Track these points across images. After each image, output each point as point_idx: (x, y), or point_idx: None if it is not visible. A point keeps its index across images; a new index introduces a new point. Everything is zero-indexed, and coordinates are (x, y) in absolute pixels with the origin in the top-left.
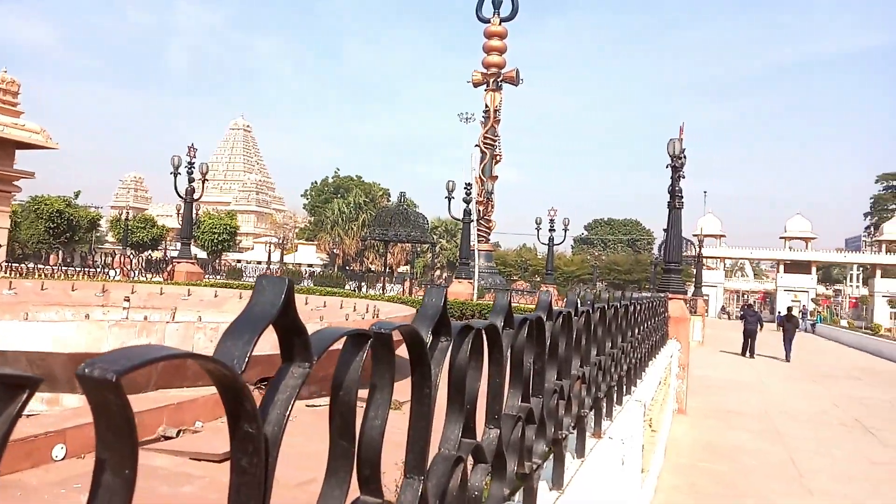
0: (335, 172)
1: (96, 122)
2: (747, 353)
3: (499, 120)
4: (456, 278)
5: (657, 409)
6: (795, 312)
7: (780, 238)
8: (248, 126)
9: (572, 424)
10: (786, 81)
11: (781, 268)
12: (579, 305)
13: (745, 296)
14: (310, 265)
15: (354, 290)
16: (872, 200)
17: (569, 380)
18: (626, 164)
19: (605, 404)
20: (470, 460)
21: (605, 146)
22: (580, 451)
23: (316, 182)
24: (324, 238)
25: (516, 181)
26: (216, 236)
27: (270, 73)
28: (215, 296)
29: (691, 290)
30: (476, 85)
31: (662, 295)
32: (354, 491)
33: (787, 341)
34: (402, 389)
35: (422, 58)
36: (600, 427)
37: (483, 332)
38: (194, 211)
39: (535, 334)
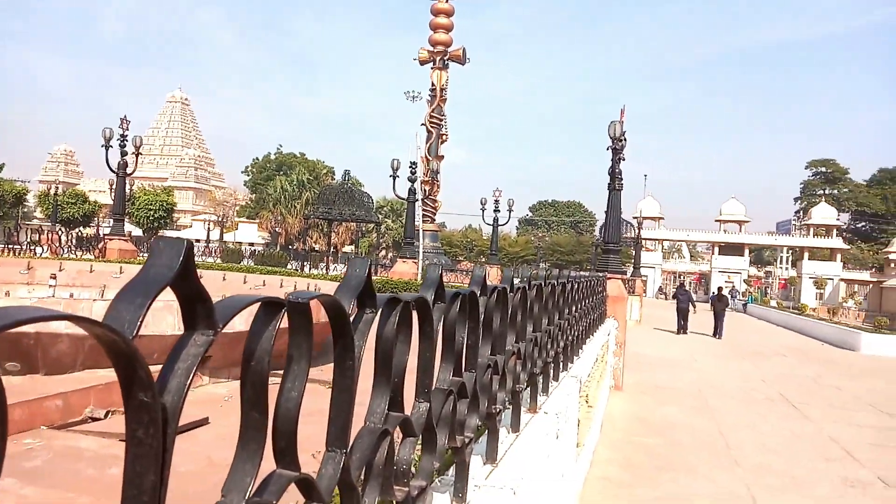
0: (278, 149)
1: (21, 91)
2: (681, 331)
3: (445, 99)
4: (400, 258)
5: (594, 386)
6: (727, 293)
7: (716, 221)
8: (186, 99)
9: (507, 399)
10: (724, 69)
11: (716, 250)
12: (515, 282)
13: (682, 277)
14: (251, 244)
15: (297, 270)
16: (802, 186)
17: (503, 355)
18: (570, 145)
19: (541, 380)
20: (399, 434)
21: (551, 127)
22: (515, 426)
23: (258, 158)
24: (266, 216)
25: (464, 162)
26: (152, 213)
27: (211, 44)
28: None
29: (630, 270)
30: (422, 63)
31: (601, 275)
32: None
33: (718, 319)
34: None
35: (369, 33)
36: (536, 402)
37: (412, 305)
38: (128, 186)
39: (468, 309)
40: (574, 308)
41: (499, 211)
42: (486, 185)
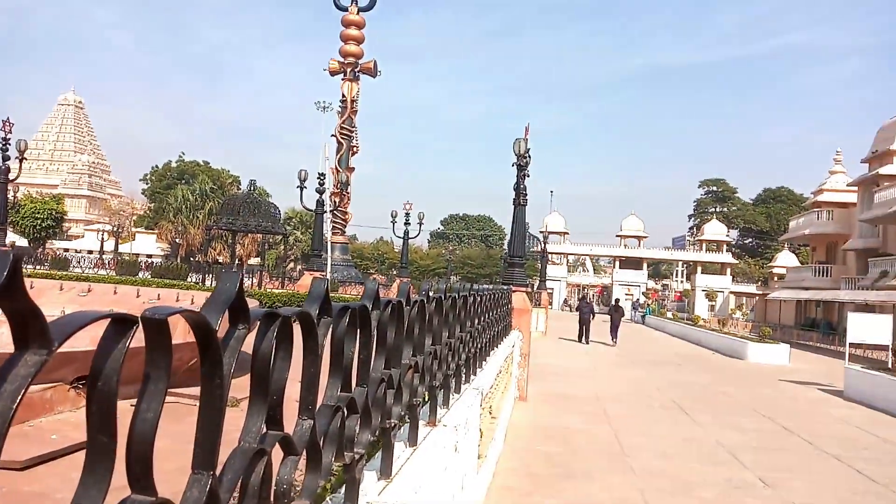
0: (179, 156)
1: None
2: (583, 340)
3: (356, 111)
4: (308, 270)
5: (498, 397)
6: (627, 305)
7: (617, 236)
8: (80, 102)
9: (403, 413)
10: (626, 90)
11: (617, 264)
12: (411, 296)
13: (586, 289)
14: (149, 256)
15: (197, 283)
16: (695, 204)
17: (399, 369)
18: (481, 160)
19: (441, 393)
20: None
21: (462, 142)
22: (413, 440)
23: (157, 166)
24: (165, 227)
25: (376, 174)
26: (39, 222)
27: (108, 45)
28: (31, 287)
29: (537, 283)
30: (333, 73)
31: (506, 287)
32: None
33: (614, 328)
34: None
35: (279, 41)
36: (436, 415)
37: (293, 319)
38: (11, 193)
39: (358, 323)
40: (477, 321)
41: (409, 224)
42: (399, 198)
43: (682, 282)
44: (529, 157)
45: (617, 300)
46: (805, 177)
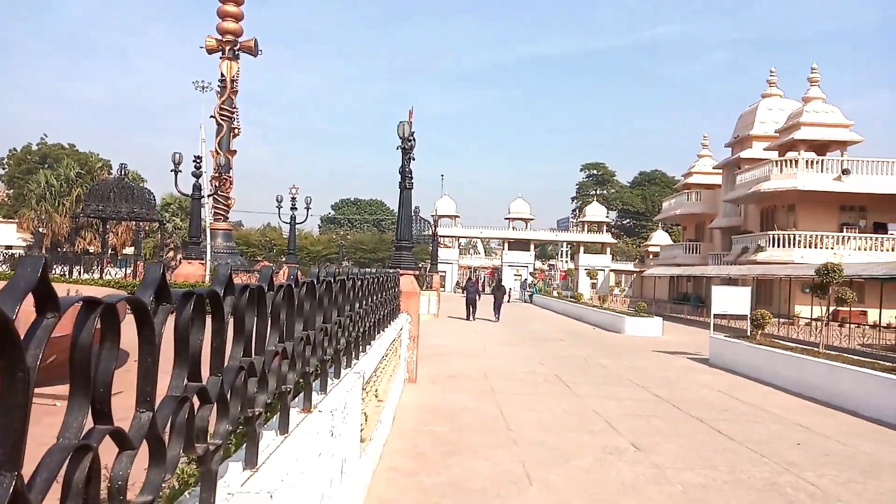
0: (42, 139)
1: None
2: (470, 318)
3: (236, 91)
4: (185, 259)
5: (386, 380)
6: (516, 285)
7: (506, 219)
8: None
9: (269, 401)
10: (514, 77)
11: (506, 245)
12: (275, 281)
13: (477, 271)
14: (8, 247)
15: (63, 275)
16: (578, 186)
17: (262, 356)
18: (372, 144)
19: (318, 378)
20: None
21: (354, 126)
22: (284, 428)
23: (16, 150)
24: (27, 215)
25: (265, 159)
26: None
27: None
28: None
29: (428, 266)
30: (210, 51)
31: (394, 271)
32: None
33: (497, 306)
34: None
35: (153, 17)
36: (311, 402)
37: (118, 306)
38: None
39: (207, 310)
40: (358, 305)
41: (296, 209)
42: (289, 183)
43: (566, 262)
44: (414, 140)
45: (499, 280)
46: (677, 160)
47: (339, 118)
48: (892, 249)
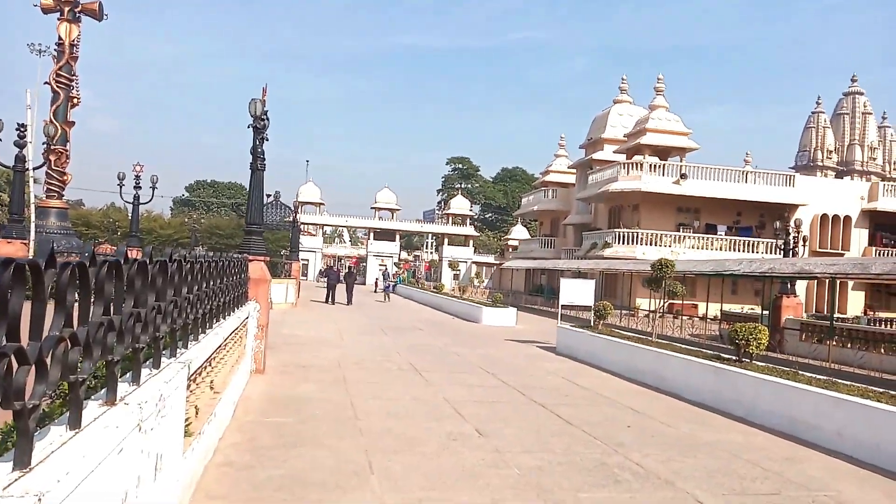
0: None
1: None
2: (329, 301)
3: (76, 56)
4: (4, 238)
5: (226, 370)
6: (381, 275)
7: (372, 208)
8: None
9: (50, 393)
10: (386, 67)
11: (372, 235)
12: (63, 258)
13: (342, 261)
14: None
15: None
16: (444, 179)
17: (39, 343)
18: (231, 126)
19: (130, 368)
20: None
21: (211, 105)
22: (75, 423)
23: None
24: None
25: (113, 133)
26: None
27: None
28: None
29: (288, 254)
30: (46, 10)
31: (242, 256)
32: None
33: (349, 290)
34: None
35: None
36: (115, 393)
37: None
38: None
39: None
40: (188, 290)
41: (140, 188)
42: (141, 161)
43: (431, 253)
44: (268, 119)
45: (350, 267)
46: (537, 159)
47: (199, 96)
48: (721, 248)
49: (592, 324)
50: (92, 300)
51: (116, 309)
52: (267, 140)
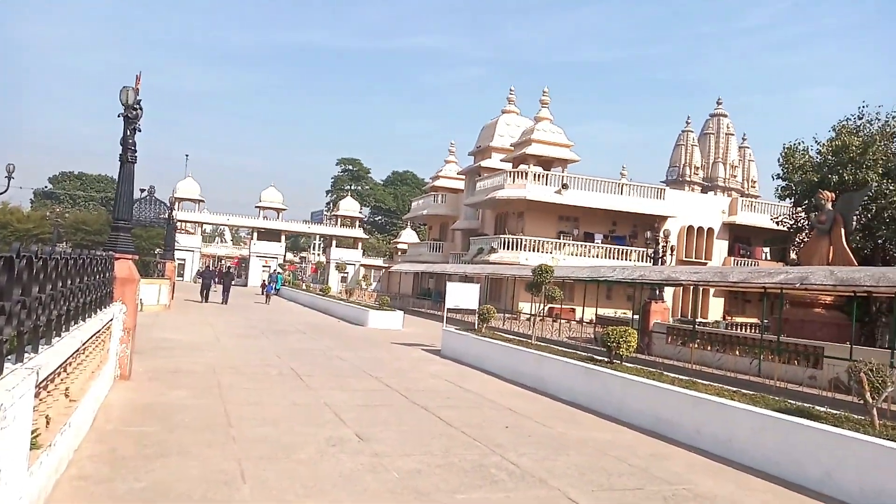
0: None
1: None
2: (203, 300)
3: None
4: None
5: (85, 377)
6: (265, 276)
7: (256, 207)
8: None
9: None
10: (275, 63)
11: (255, 235)
12: None
13: (222, 261)
14: None
15: None
16: (333, 180)
17: None
18: (107, 115)
19: None
20: None
21: (84, 91)
22: None
23: None
24: None
25: None
26: None
27: None
28: None
29: (162, 252)
30: None
31: (108, 254)
32: None
33: (225, 290)
34: None
35: None
36: None
37: None
38: None
39: None
40: (43, 289)
41: None
42: (6, 149)
43: (319, 255)
44: (140, 108)
45: (229, 268)
46: (427, 163)
47: (70, 81)
48: (598, 256)
49: (476, 327)
50: None
51: None
52: (139, 131)
